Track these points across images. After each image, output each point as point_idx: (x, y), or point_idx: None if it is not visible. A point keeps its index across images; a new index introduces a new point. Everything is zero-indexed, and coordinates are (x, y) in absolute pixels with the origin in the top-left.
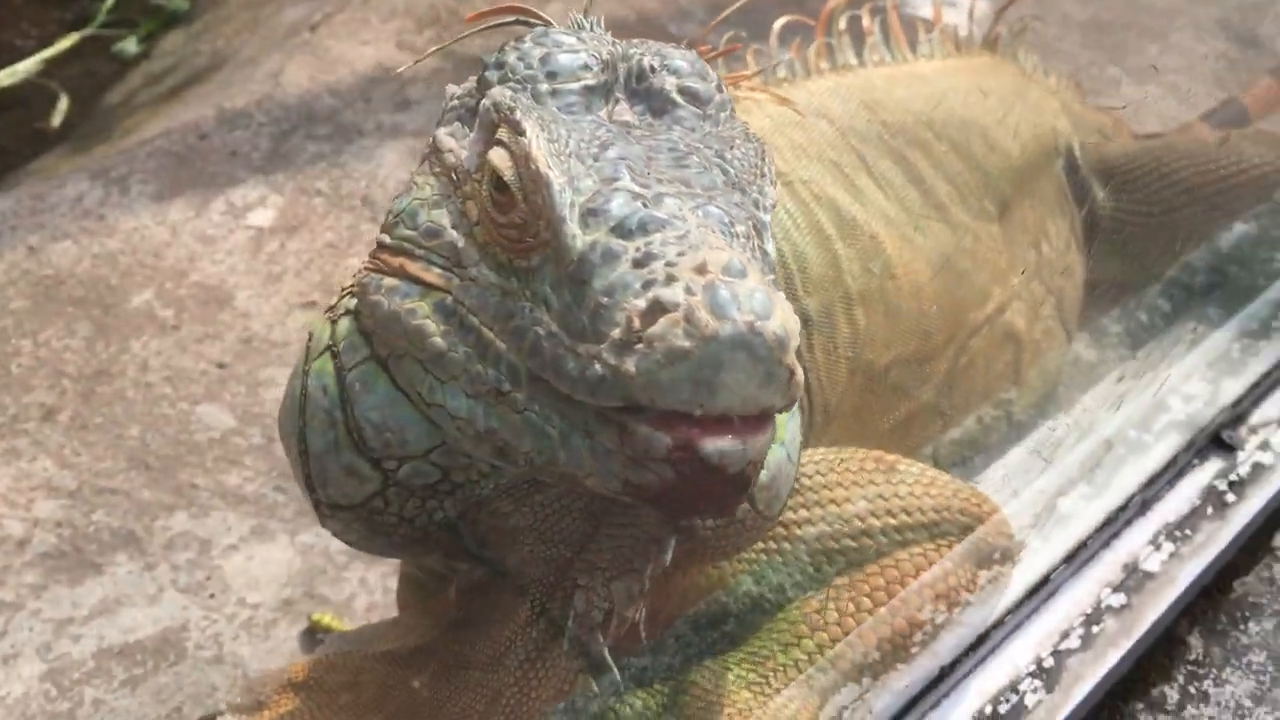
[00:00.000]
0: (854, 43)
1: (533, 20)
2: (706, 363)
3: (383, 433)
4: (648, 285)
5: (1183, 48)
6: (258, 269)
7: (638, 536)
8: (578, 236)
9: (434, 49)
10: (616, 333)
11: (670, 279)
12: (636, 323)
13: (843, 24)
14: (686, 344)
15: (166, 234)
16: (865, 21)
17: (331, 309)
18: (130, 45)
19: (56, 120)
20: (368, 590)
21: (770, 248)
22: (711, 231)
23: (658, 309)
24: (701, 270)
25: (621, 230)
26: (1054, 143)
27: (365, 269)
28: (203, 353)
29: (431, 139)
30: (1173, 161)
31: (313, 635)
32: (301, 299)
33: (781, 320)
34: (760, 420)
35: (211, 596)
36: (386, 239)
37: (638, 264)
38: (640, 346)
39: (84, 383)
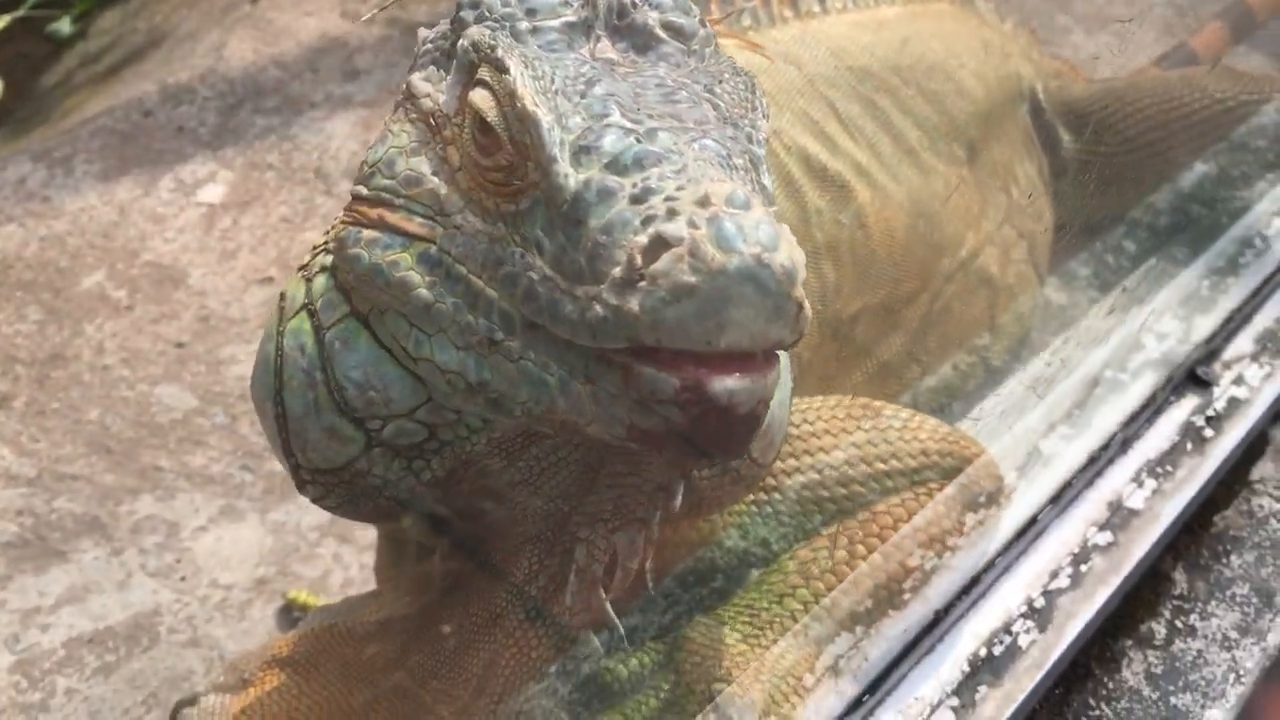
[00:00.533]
0: None
1: None
2: (714, 298)
3: (366, 391)
4: (648, 221)
5: None
6: (211, 246)
7: (640, 485)
8: (570, 175)
9: (385, 3)
10: (617, 271)
11: (672, 213)
12: (638, 260)
13: None
14: (692, 279)
15: (114, 214)
16: None
17: (305, 267)
18: (64, 26)
19: None
20: (342, 566)
21: (768, 181)
22: (710, 164)
23: (660, 245)
24: (704, 203)
25: (616, 166)
26: (1018, 86)
27: (341, 222)
28: (159, 333)
29: (405, 84)
30: (1137, 100)
31: (289, 613)
32: (258, 275)
33: (789, 252)
34: (769, 357)
35: (183, 579)
36: (363, 190)
37: (636, 200)
38: (643, 284)
39: (38, 368)
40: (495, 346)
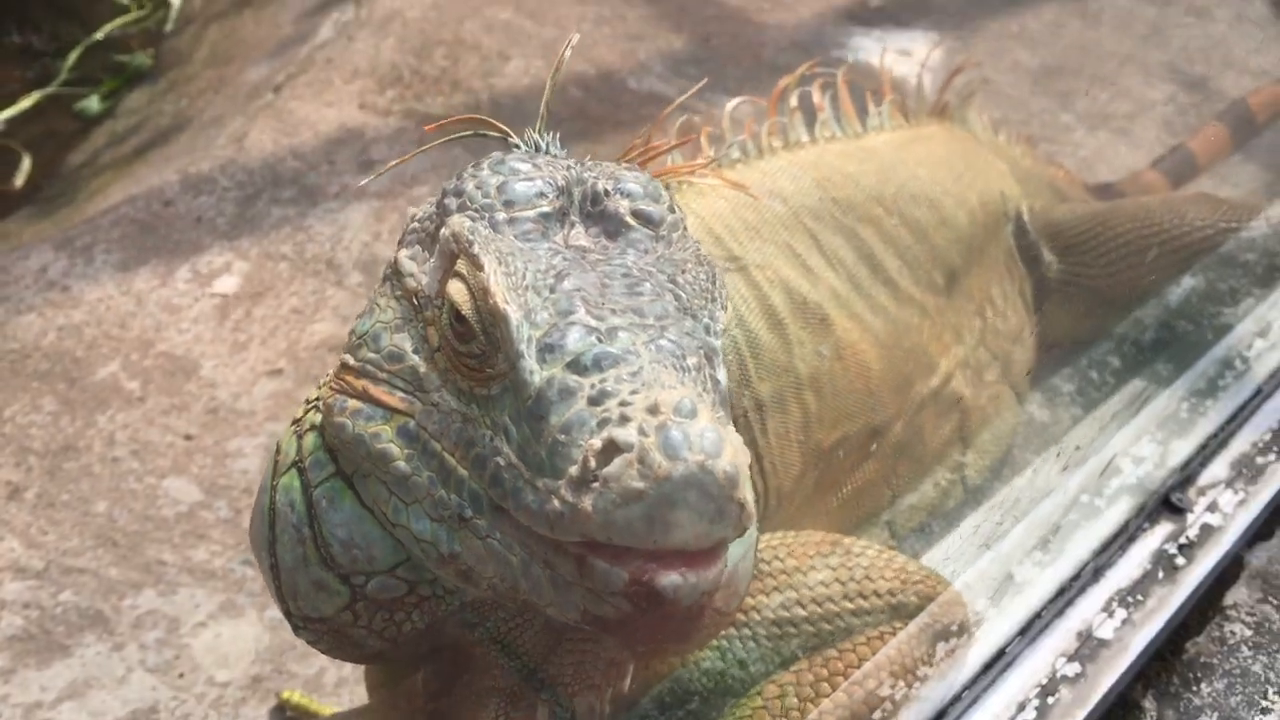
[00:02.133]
0: (806, 119)
1: (491, 132)
2: (660, 502)
3: (350, 549)
4: (603, 424)
5: (1133, 93)
6: (224, 337)
7: (599, 653)
8: (535, 372)
9: (392, 163)
10: (574, 470)
11: (624, 419)
12: (592, 461)
13: (794, 101)
14: (640, 485)
15: (131, 304)
16: (816, 97)
17: (297, 422)
18: (93, 103)
19: (20, 181)
20: (337, 666)
21: (721, 375)
22: (664, 367)
23: (612, 449)
24: (654, 410)
25: (577, 366)
26: (1002, 208)
27: (330, 389)
28: (169, 425)
29: (393, 261)
30: (1118, 224)
31: (282, 712)
32: (267, 367)
33: (731, 457)
34: (712, 553)
35: (180, 676)
36: (350, 360)
37: (593, 401)
38: (596, 485)
39: (50, 459)
40: (465, 523)
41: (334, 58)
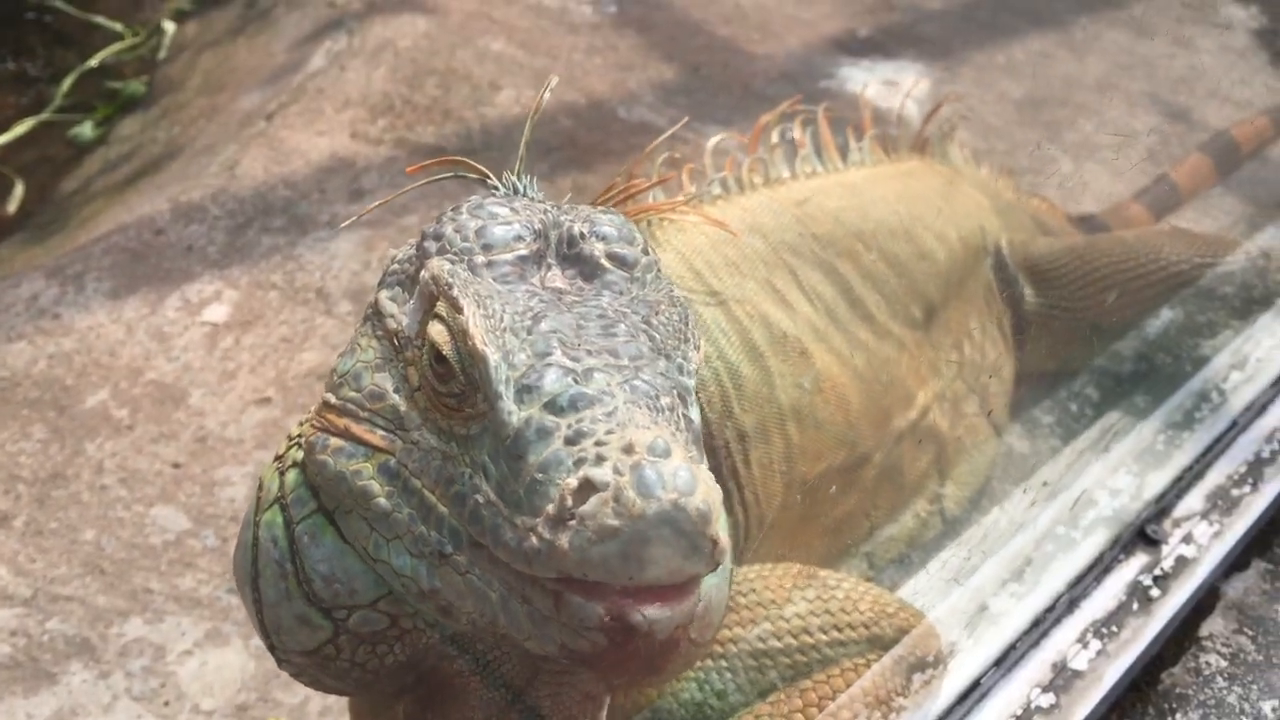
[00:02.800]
0: (787, 155)
1: (470, 173)
2: (635, 540)
3: (332, 584)
4: (579, 463)
5: (1117, 123)
6: (212, 366)
7: (576, 685)
8: (513, 413)
9: (374, 205)
10: (550, 508)
11: (599, 458)
12: (569, 500)
13: (775, 138)
14: (615, 523)
15: (121, 332)
16: (797, 134)
17: (279, 459)
18: (87, 130)
19: (12, 207)
20: (321, 695)
21: (694, 414)
22: (638, 407)
23: (588, 488)
24: (629, 450)
25: (554, 406)
26: (981, 242)
27: (312, 427)
28: (157, 453)
29: (374, 301)
30: (1095, 259)
31: None
32: (256, 396)
33: (704, 494)
34: (686, 587)
35: (166, 704)
36: (332, 399)
37: (569, 441)
38: (573, 523)
39: (39, 487)
40: (445, 559)
41: (326, 87)
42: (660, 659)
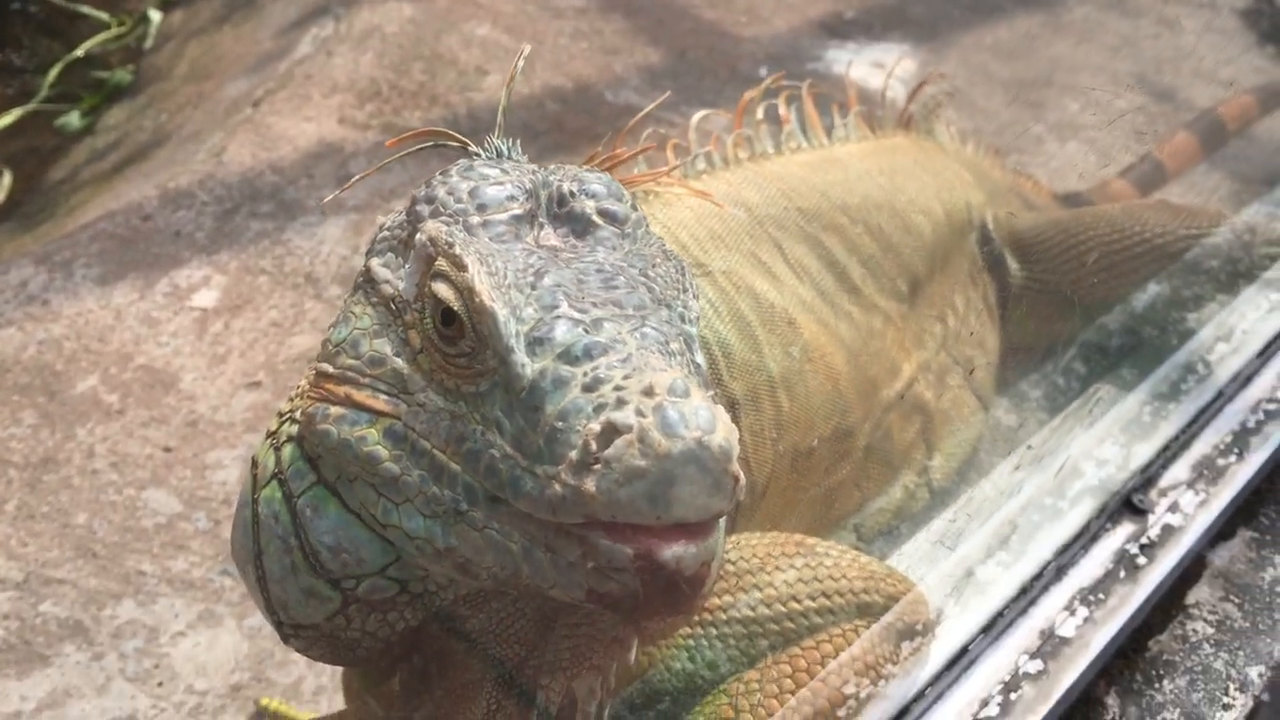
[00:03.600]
0: (771, 131)
1: (452, 143)
2: (662, 479)
3: (339, 554)
4: (600, 408)
5: (1102, 104)
6: (202, 350)
7: (596, 635)
8: (527, 365)
9: (357, 177)
10: (574, 454)
11: (620, 402)
12: (593, 445)
13: (760, 113)
14: (642, 463)
15: (111, 318)
16: (782, 110)
17: (272, 435)
18: (74, 120)
19: (0, 196)
20: (315, 673)
21: (700, 359)
22: (650, 352)
23: (612, 431)
24: (649, 392)
25: (568, 356)
26: (967, 217)
27: (309, 398)
28: (148, 437)
29: (365, 268)
30: (1080, 232)
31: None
32: (246, 379)
33: (725, 432)
34: (709, 524)
35: (160, 685)
36: (329, 368)
37: (587, 389)
38: (598, 467)
39: (30, 471)
40: (461, 516)
41: (313, 73)
42: (688, 596)
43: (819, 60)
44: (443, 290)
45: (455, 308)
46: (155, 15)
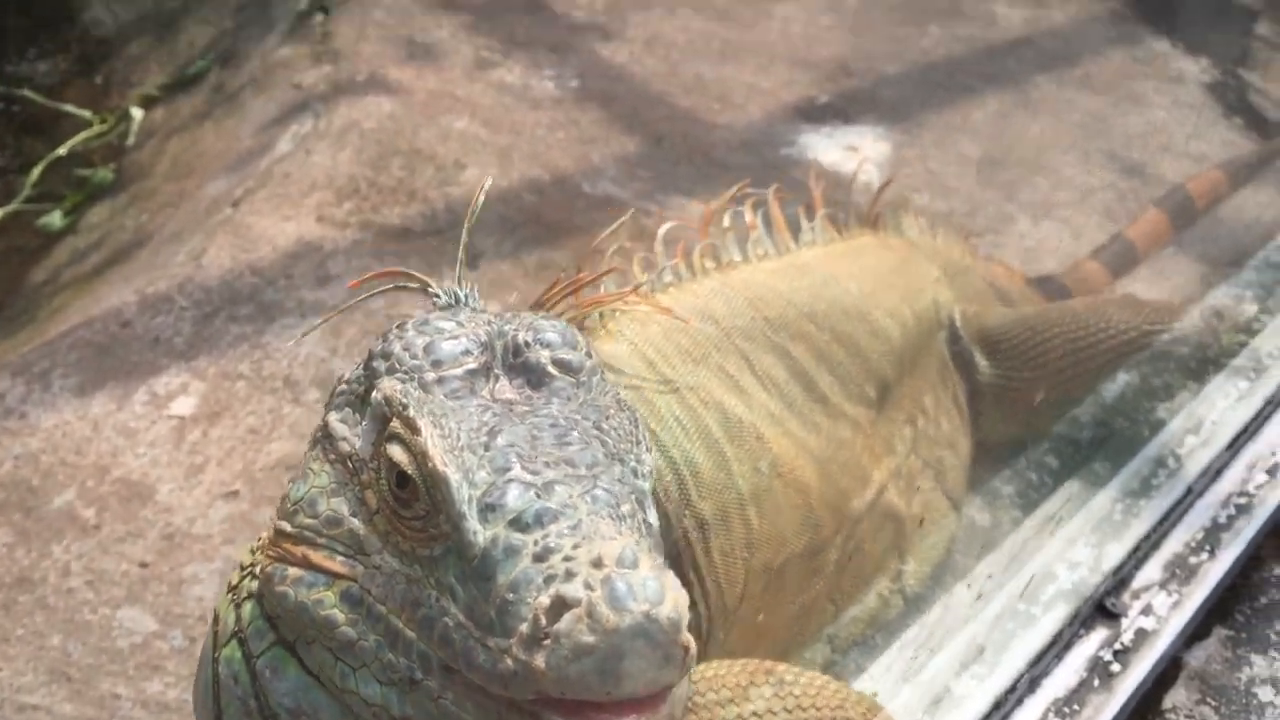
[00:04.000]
0: (738, 238)
1: (412, 284)
2: (610, 654)
3: (298, 717)
4: (549, 580)
5: (1074, 182)
6: (180, 460)
7: None
8: (479, 533)
9: (322, 319)
10: (524, 628)
11: (569, 574)
12: (543, 619)
13: (726, 221)
14: (591, 639)
15: (88, 429)
16: (748, 216)
17: (234, 589)
18: (56, 219)
19: None
20: None
21: (652, 517)
22: (601, 517)
23: (561, 605)
24: (598, 564)
25: (519, 524)
26: (935, 316)
27: (268, 557)
28: (124, 552)
29: (323, 423)
30: (1046, 330)
31: None
32: (223, 489)
33: (673, 602)
34: (659, 695)
35: None
36: (287, 527)
37: (538, 558)
38: (548, 642)
39: (5, 592)
40: (415, 685)
41: (292, 171)
42: None
43: (792, 145)
44: (397, 453)
45: (409, 471)
46: (137, 113)
